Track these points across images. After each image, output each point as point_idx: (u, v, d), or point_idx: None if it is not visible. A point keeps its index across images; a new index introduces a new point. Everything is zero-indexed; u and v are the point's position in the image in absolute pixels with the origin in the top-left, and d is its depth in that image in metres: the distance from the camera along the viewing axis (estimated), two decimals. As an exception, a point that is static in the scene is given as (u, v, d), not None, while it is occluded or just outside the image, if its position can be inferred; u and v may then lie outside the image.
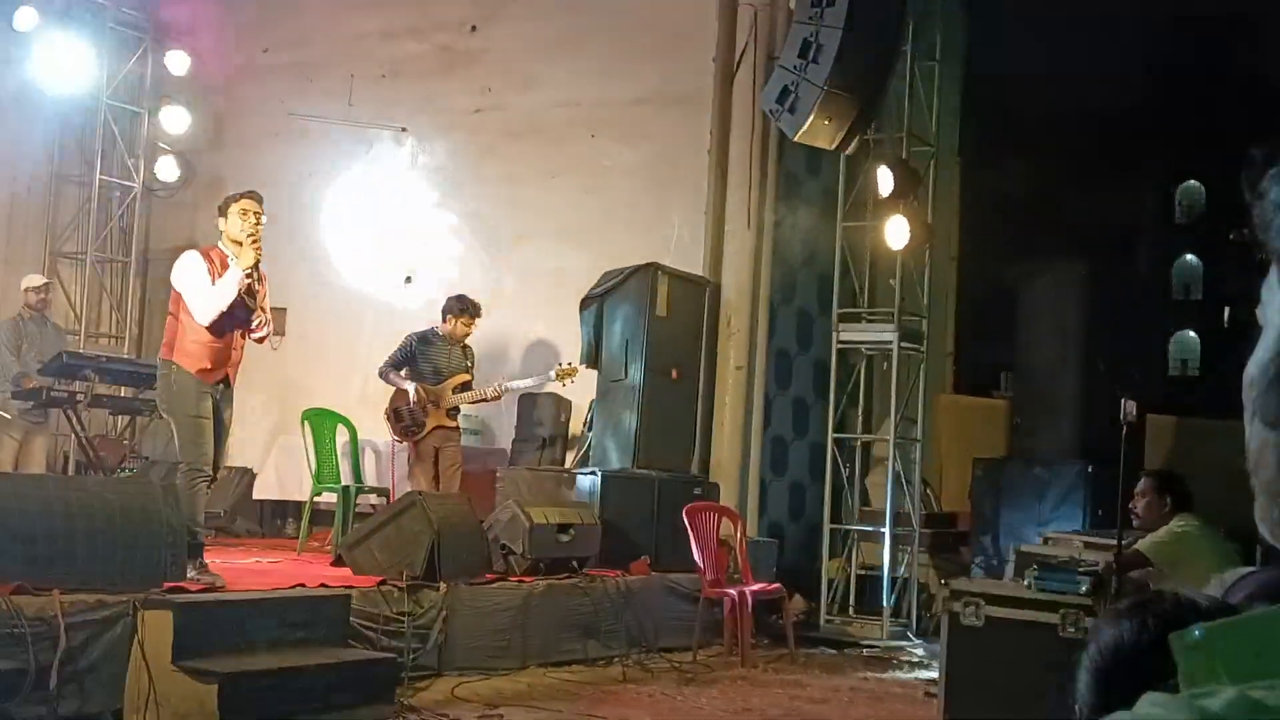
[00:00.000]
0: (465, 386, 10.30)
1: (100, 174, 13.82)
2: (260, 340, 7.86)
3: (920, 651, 10.28)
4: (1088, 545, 8.75)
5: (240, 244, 7.48)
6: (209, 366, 7.48)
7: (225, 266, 7.46)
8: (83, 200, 14.04)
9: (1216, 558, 6.43)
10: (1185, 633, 0.83)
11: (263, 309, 7.73)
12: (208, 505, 7.94)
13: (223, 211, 7.60)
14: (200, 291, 7.43)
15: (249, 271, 7.48)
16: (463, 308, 10.34)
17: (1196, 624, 0.83)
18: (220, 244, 7.59)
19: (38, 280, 11.81)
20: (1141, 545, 6.70)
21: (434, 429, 10.13)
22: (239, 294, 7.48)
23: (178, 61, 14.04)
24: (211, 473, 7.53)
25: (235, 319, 7.56)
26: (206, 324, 7.40)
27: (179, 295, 7.55)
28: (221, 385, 7.60)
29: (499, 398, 10.52)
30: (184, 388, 7.44)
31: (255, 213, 7.52)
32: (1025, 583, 7.13)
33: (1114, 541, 6.88)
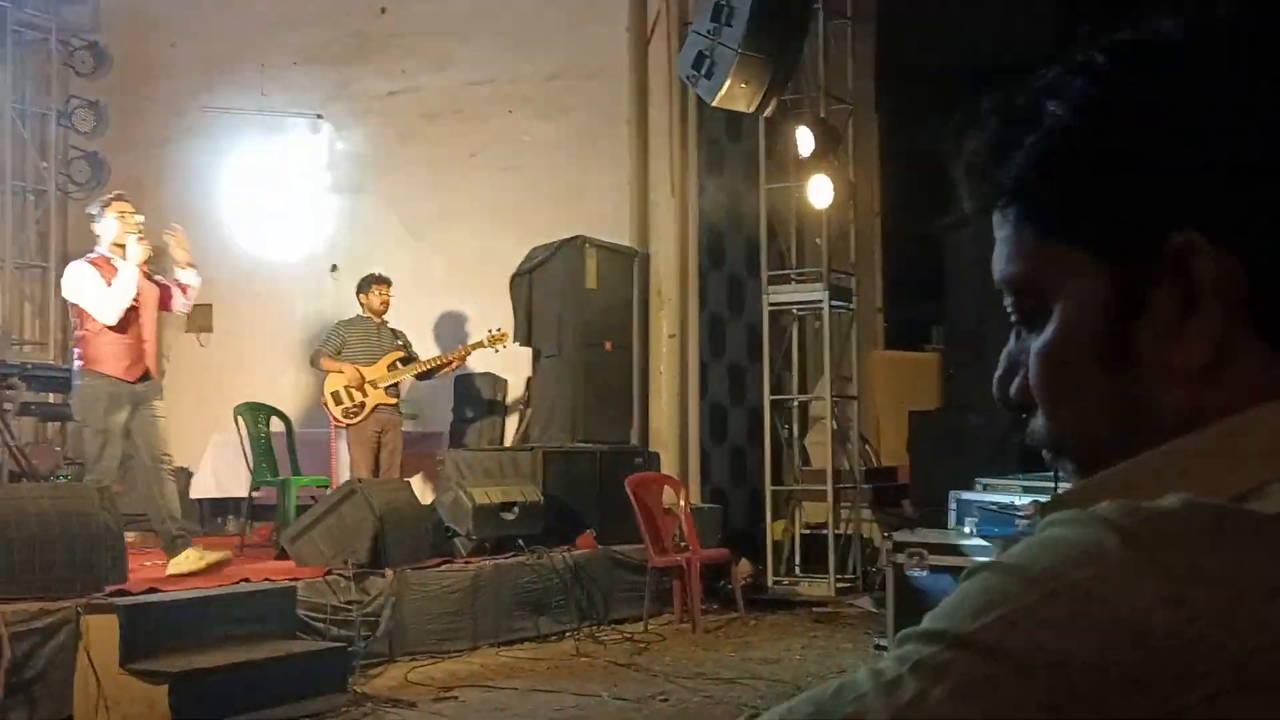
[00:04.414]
0: (402, 363, 10.39)
1: (12, 179, 13.58)
2: (185, 308, 8.40)
3: (868, 605, 10.36)
4: (1026, 489, 8.86)
5: (122, 245, 7.81)
6: (128, 364, 7.77)
7: (113, 269, 7.76)
8: (-4, 207, 13.81)
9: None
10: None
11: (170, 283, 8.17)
12: (132, 506, 8.31)
13: (98, 218, 7.96)
14: (99, 295, 7.73)
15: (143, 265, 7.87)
16: (373, 280, 10.56)
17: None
18: (99, 250, 7.90)
19: None
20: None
21: (375, 408, 10.16)
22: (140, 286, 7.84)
23: (85, 61, 13.81)
24: (108, 483, 7.68)
25: (140, 311, 7.87)
26: (114, 323, 7.70)
27: (79, 308, 7.84)
28: (144, 380, 7.87)
29: (462, 359, 10.62)
30: (95, 399, 7.76)
31: (131, 212, 7.93)
32: (966, 530, 7.22)
33: (1051, 484, 6.97)
